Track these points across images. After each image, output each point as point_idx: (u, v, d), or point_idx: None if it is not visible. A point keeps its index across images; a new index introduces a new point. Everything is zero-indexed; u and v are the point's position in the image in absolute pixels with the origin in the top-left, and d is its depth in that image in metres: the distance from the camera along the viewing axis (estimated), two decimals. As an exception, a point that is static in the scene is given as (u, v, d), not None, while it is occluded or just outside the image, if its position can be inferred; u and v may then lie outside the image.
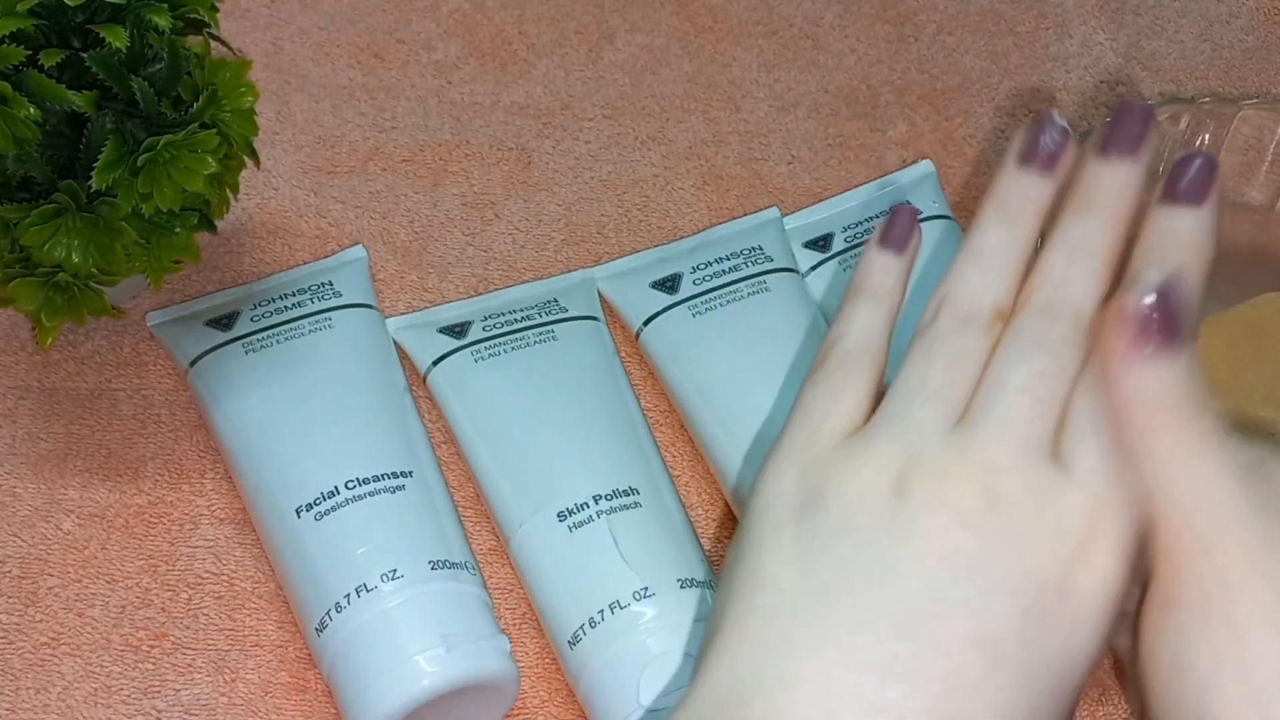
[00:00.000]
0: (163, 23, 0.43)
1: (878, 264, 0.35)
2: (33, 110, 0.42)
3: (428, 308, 0.54)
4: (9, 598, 0.48)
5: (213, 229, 0.48)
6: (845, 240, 0.55)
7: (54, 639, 0.47)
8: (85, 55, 0.43)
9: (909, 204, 0.36)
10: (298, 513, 0.46)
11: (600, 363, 0.52)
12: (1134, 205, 0.33)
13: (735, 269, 0.53)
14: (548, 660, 0.47)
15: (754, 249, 0.54)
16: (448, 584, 0.45)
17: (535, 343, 0.51)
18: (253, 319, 0.51)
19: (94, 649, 0.47)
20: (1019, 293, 0.33)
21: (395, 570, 0.44)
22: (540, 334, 0.52)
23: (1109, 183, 0.33)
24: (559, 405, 0.50)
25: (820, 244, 0.55)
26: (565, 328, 0.52)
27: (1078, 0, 0.64)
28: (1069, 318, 0.32)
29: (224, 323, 0.51)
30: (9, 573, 0.48)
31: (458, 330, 0.52)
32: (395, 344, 0.52)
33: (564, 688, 0.47)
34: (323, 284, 0.52)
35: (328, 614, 0.44)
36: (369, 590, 0.44)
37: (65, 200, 0.43)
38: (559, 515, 0.47)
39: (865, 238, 0.55)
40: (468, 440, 0.50)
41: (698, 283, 0.53)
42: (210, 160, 0.43)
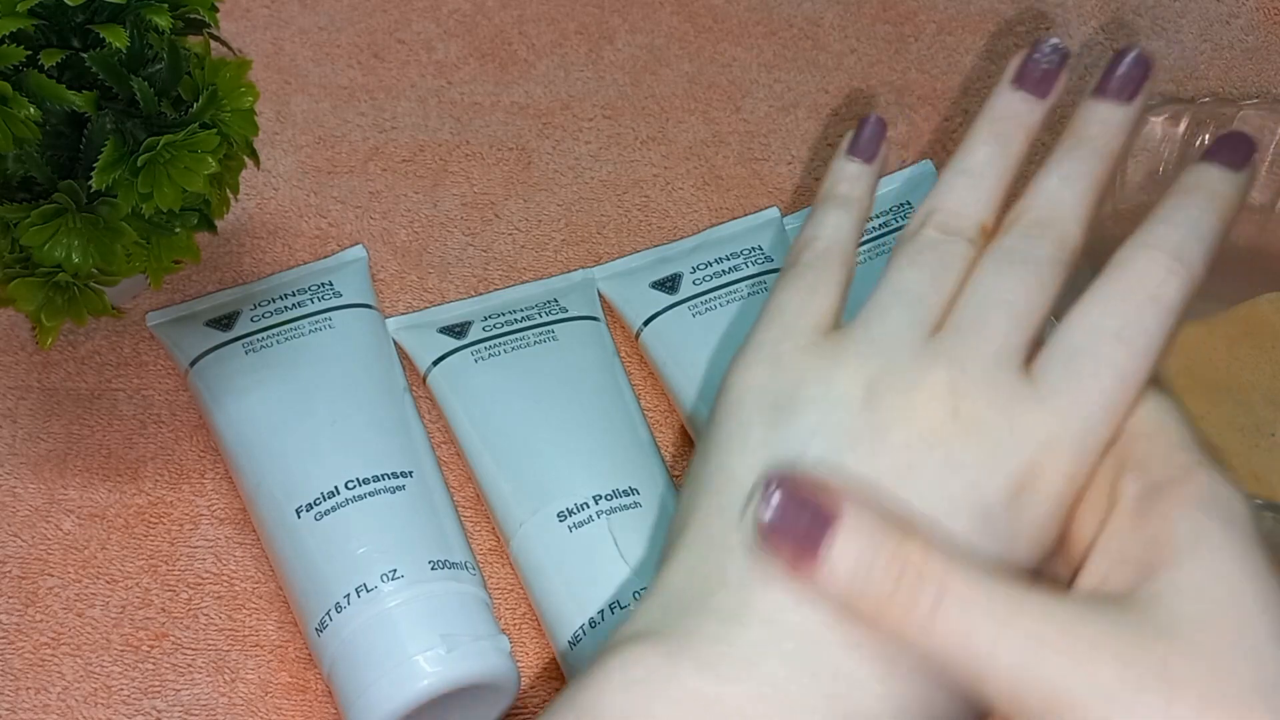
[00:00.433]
0: (163, 23, 0.43)
1: (846, 171, 0.36)
2: (33, 110, 0.42)
3: (428, 308, 0.54)
4: (9, 598, 0.48)
5: (213, 229, 0.48)
6: (845, 240, 0.55)
7: (54, 639, 0.47)
8: (85, 55, 0.43)
9: (877, 115, 0.36)
10: (298, 513, 0.46)
11: (600, 363, 0.52)
12: (1125, 143, 0.34)
13: (735, 269, 0.53)
14: (548, 660, 0.47)
15: (754, 249, 0.54)
16: (448, 584, 0.45)
17: (535, 343, 0.51)
18: (253, 319, 0.51)
19: (94, 649, 0.47)
20: (1005, 210, 0.34)
21: (395, 570, 0.45)
22: (540, 334, 0.52)
23: (1106, 119, 0.34)
24: (559, 405, 0.50)
25: (820, 244, 0.55)
26: (565, 328, 0.52)
27: (1078, 0, 0.64)
28: (1055, 239, 0.33)
29: (224, 323, 0.51)
30: (9, 573, 0.48)
31: (458, 330, 0.52)
32: (395, 344, 0.52)
33: (564, 688, 0.47)
34: (323, 284, 0.52)
35: (328, 614, 0.44)
36: (369, 590, 0.44)
37: (65, 200, 0.43)
38: (559, 515, 0.47)
39: (865, 238, 0.55)
40: (468, 440, 0.50)
41: (698, 283, 0.53)
42: (210, 160, 0.43)
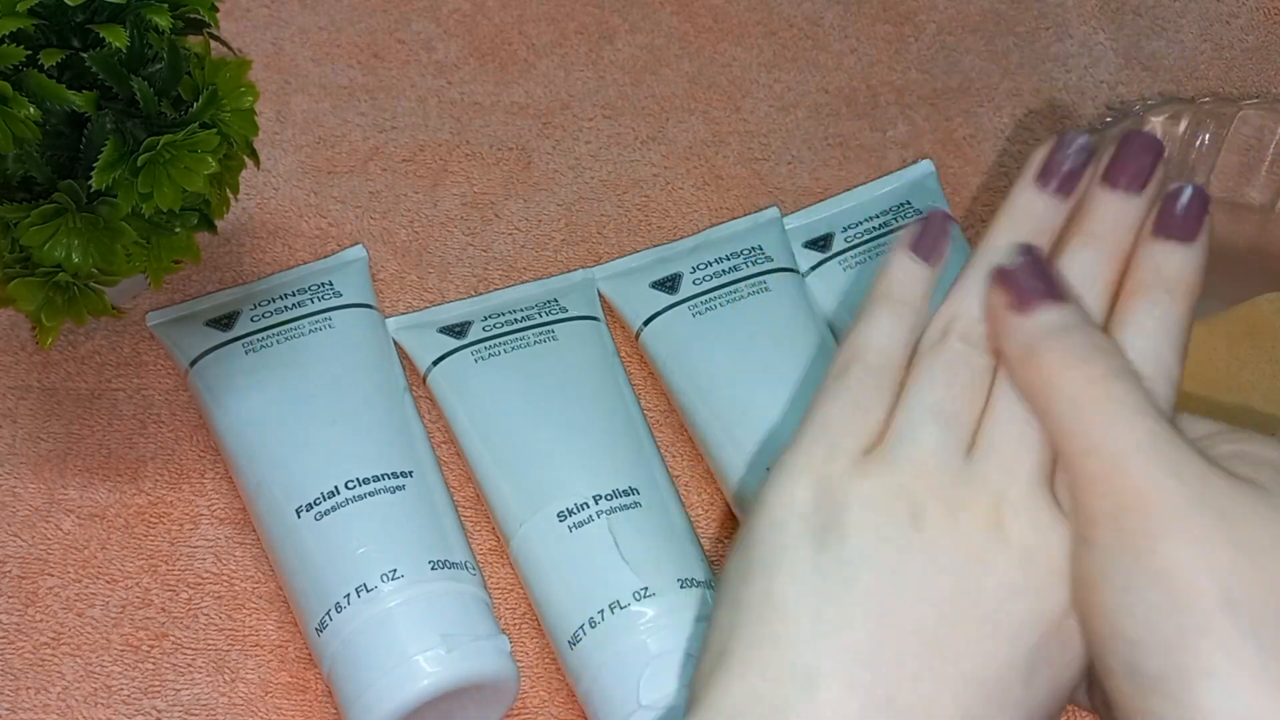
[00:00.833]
0: (163, 23, 0.43)
1: (907, 272, 0.34)
2: (33, 110, 0.42)
3: (428, 308, 0.54)
4: (9, 598, 0.48)
5: (213, 229, 0.48)
6: (845, 240, 0.55)
7: (54, 639, 0.47)
8: (85, 55, 0.43)
9: (944, 211, 0.35)
10: (298, 513, 0.46)
11: (600, 363, 0.52)
12: (1134, 235, 0.33)
13: (735, 269, 0.53)
14: (548, 660, 0.47)
15: (754, 249, 0.54)
16: (448, 584, 0.45)
17: (535, 343, 0.51)
18: (253, 319, 0.51)
19: (94, 649, 0.47)
20: None
21: (395, 570, 0.44)
22: (540, 334, 0.52)
23: (1112, 215, 0.33)
24: (559, 405, 0.50)
25: (820, 244, 0.55)
26: (565, 328, 0.52)
27: (1078, 0, 0.64)
28: None
29: (224, 323, 0.51)
30: (9, 573, 0.48)
31: (458, 330, 0.52)
32: (395, 344, 0.52)
33: (564, 688, 0.47)
34: (323, 284, 0.52)
35: (328, 614, 0.44)
36: (369, 590, 0.44)
37: (65, 200, 0.43)
38: (559, 515, 0.47)
39: (865, 238, 0.55)
40: (468, 440, 0.50)
41: (698, 283, 0.53)
42: (210, 160, 0.43)
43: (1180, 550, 0.28)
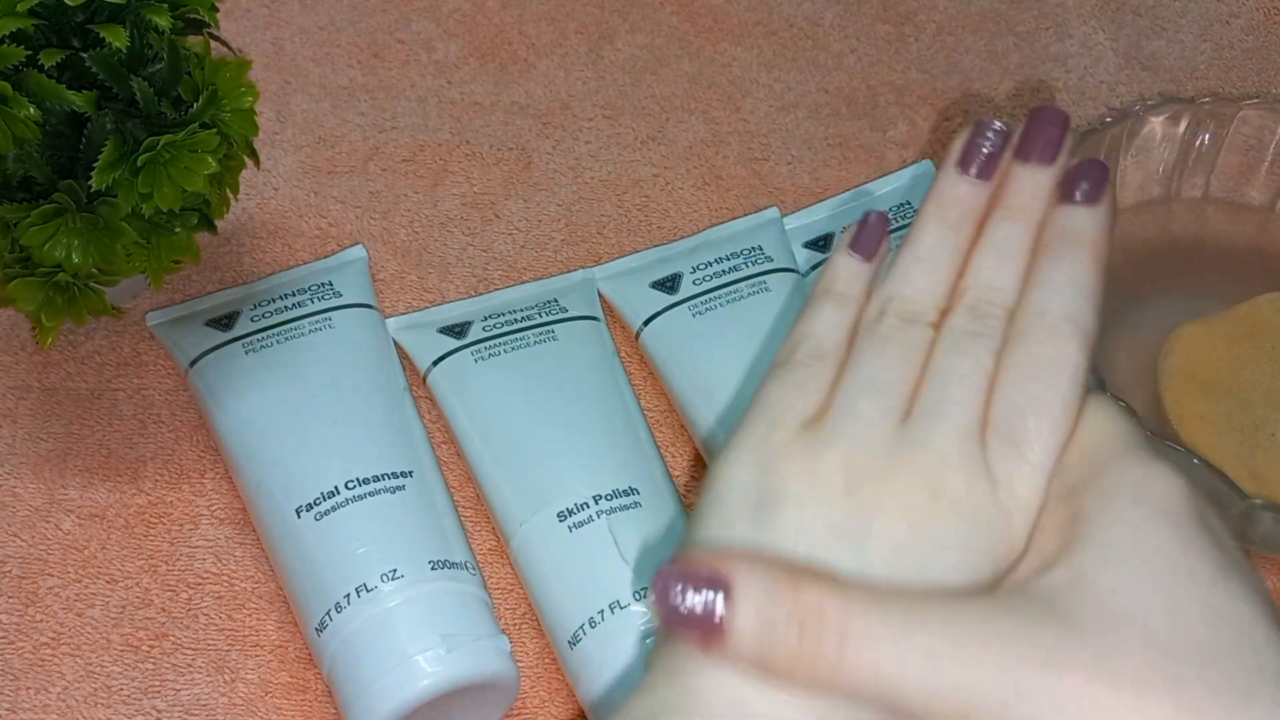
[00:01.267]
0: (163, 23, 0.43)
1: (848, 268, 0.37)
2: (33, 110, 0.42)
3: (428, 308, 0.54)
4: (9, 598, 0.48)
5: (213, 229, 0.48)
6: (845, 240, 0.55)
7: (54, 639, 0.47)
8: (85, 55, 0.43)
9: (881, 211, 0.37)
10: (298, 513, 0.46)
11: (600, 363, 0.52)
12: (1049, 203, 0.36)
13: (735, 269, 0.53)
14: (548, 660, 0.47)
15: (754, 249, 0.54)
16: (448, 584, 0.45)
17: (535, 343, 0.51)
18: (253, 319, 0.51)
19: (94, 649, 0.47)
20: (954, 291, 0.36)
21: (395, 570, 0.44)
22: (540, 334, 0.52)
23: (1028, 187, 0.36)
24: (559, 405, 0.50)
25: (820, 244, 0.55)
26: (565, 328, 0.52)
27: (1078, 0, 0.64)
28: (998, 315, 0.34)
29: (224, 323, 0.51)
30: (9, 573, 0.48)
31: (458, 330, 0.52)
32: (395, 344, 0.52)
33: (564, 688, 0.47)
34: (323, 284, 0.52)
35: (328, 614, 0.44)
36: (369, 590, 0.44)
37: (65, 200, 0.43)
38: (559, 515, 0.47)
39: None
40: (468, 440, 0.50)
41: (698, 283, 0.53)
42: (210, 160, 0.43)
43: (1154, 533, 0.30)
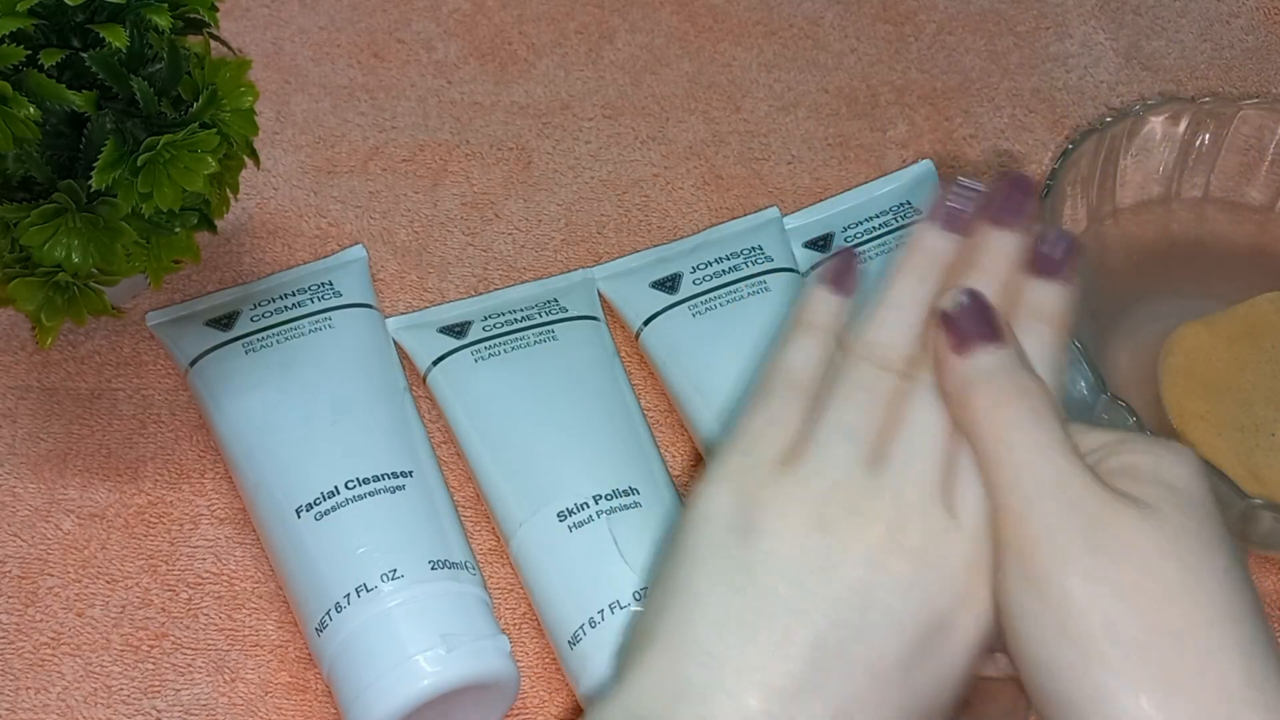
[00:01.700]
0: (163, 23, 0.43)
1: (824, 302, 0.38)
2: (33, 110, 0.42)
3: (428, 308, 0.54)
4: (9, 598, 0.48)
5: (213, 229, 0.48)
6: (845, 240, 0.55)
7: (54, 639, 0.47)
8: (85, 55, 0.43)
9: (852, 248, 0.40)
10: (298, 513, 0.46)
11: (600, 363, 0.52)
12: (1014, 265, 0.37)
13: (735, 269, 0.53)
14: (548, 660, 0.47)
15: (754, 249, 0.54)
16: (448, 584, 0.45)
17: (535, 343, 0.51)
18: (253, 319, 0.51)
19: (94, 649, 0.47)
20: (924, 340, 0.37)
21: (395, 570, 0.44)
22: (540, 334, 0.52)
23: (994, 247, 0.37)
24: (559, 405, 0.50)
25: (820, 244, 0.55)
26: (565, 328, 0.52)
27: (1078, 0, 0.64)
28: None
29: (224, 323, 0.51)
30: (9, 573, 0.48)
31: (458, 330, 0.52)
32: (395, 344, 0.52)
33: (564, 688, 0.47)
34: (323, 284, 0.52)
35: (328, 614, 0.44)
36: (369, 590, 0.44)
37: (65, 200, 0.43)
38: (559, 515, 0.47)
39: (865, 237, 0.55)
40: (468, 440, 0.50)
41: (698, 283, 0.53)
42: (210, 160, 0.43)
43: (1071, 584, 0.32)
